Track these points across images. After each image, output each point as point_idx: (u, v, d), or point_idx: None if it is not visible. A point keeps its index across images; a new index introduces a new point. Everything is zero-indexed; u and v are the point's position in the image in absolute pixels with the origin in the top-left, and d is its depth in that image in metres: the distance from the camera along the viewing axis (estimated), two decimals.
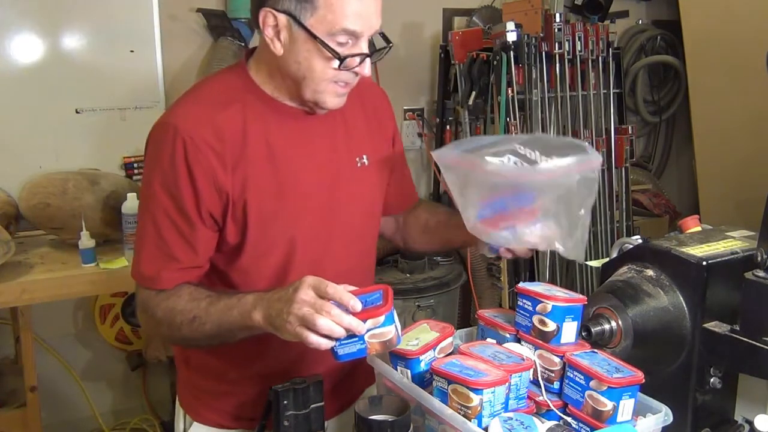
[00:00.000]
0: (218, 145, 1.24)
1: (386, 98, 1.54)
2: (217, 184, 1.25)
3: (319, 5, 1.18)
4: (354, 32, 1.20)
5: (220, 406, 1.44)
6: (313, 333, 1.07)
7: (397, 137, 1.54)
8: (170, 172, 1.24)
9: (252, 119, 1.28)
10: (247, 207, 1.27)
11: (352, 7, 1.19)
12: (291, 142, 1.31)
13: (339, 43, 1.20)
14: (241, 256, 1.32)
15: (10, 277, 2.21)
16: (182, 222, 1.26)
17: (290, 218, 1.31)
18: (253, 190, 1.27)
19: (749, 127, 3.34)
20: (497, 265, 3.09)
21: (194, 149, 1.23)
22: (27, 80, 2.66)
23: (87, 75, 2.74)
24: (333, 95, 1.27)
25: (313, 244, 1.34)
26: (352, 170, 1.39)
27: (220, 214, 1.28)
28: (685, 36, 3.61)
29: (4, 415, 2.40)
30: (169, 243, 1.27)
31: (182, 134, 1.23)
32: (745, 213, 3.16)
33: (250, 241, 1.30)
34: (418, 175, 3.57)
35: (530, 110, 2.94)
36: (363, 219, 1.43)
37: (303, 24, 1.19)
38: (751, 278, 1.08)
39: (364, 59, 1.24)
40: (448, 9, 3.46)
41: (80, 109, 2.74)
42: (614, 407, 1.09)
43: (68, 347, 2.92)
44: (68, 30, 2.71)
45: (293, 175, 1.31)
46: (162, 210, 1.26)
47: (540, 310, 1.21)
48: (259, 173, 1.28)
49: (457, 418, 1.06)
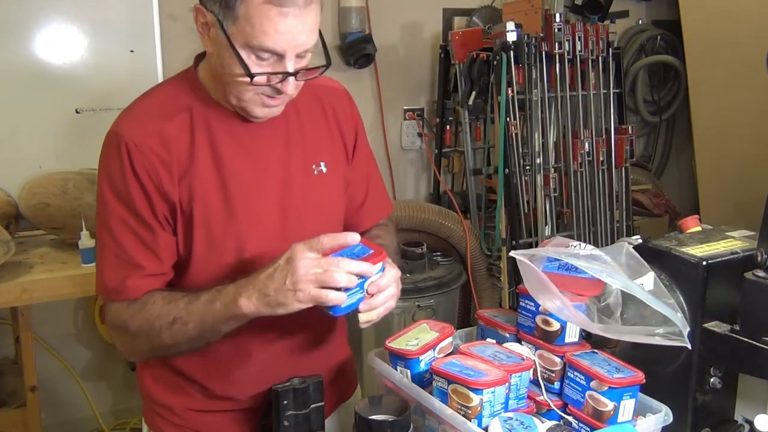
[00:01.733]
0: (165, 154, 1.22)
1: (347, 99, 1.44)
2: (163, 191, 1.22)
3: (239, 16, 1.12)
4: (272, 50, 1.13)
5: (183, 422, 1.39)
6: (331, 290, 1.09)
7: (361, 139, 1.45)
8: (120, 180, 1.22)
9: (199, 129, 1.25)
10: (194, 219, 1.24)
11: (270, 24, 1.11)
12: (239, 152, 1.27)
13: (259, 57, 1.14)
14: (191, 268, 1.28)
15: (10, 277, 2.21)
16: (140, 228, 1.23)
17: (239, 229, 1.27)
18: (199, 201, 1.24)
19: (749, 127, 3.34)
20: (497, 265, 3.09)
21: (139, 155, 1.21)
22: (27, 80, 2.66)
23: (87, 75, 2.74)
24: (259, 105, 1.21)
25: (266, 254, 1.27)
26: (307, 178, 1.33)
27: (171, 218, 1.25)
28: (685, 36, 3.62)
29: (4, 415, 2.40)
30: (130, 251, 1.23)
31: (127, 141, 1.21)
32: (745, 213, 3.16)
33: (197, 252, 1.26)
34: (418, 175, 3.57)
35: (530, 110, 2.94)
36: (322, 228, 1.33)
37: (225, 30, 1.14)
38: (751, 278, 1.08)
39: (286, 78, 1.16)
40: (448, 9, 3.46)
41: (80, 109, 2.74)
42: (615, 407, 1.09)
43: (68, 347, 2.92)
44: (68, 30, 2.71)
45: (241, 185, 1.26)
46: (117, 219, 1.23)
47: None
48: (206, 185, 1.24)
49: (457, 418, 1.06)
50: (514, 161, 2.89)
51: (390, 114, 3.41)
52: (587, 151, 3.03)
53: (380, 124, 3.39)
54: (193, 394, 1.36)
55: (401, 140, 3.47)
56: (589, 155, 3.04)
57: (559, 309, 1.14)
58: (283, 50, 1.14)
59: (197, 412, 1.37)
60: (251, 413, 1.36)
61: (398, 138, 3.47)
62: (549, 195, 2.98)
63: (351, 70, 3.20)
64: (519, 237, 2.93)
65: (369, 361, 1.26)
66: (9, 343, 2.72)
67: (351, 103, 1.45)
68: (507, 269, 2.98)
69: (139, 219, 1.22)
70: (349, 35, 3.10)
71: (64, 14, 2.69)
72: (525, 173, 2.93)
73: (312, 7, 1.14)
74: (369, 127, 3.36)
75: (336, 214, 1.41)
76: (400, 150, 3.49)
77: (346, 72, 3.22)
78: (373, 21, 3.17)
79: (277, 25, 1.11)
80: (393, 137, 3.45)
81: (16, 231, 2.49)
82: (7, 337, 2.73)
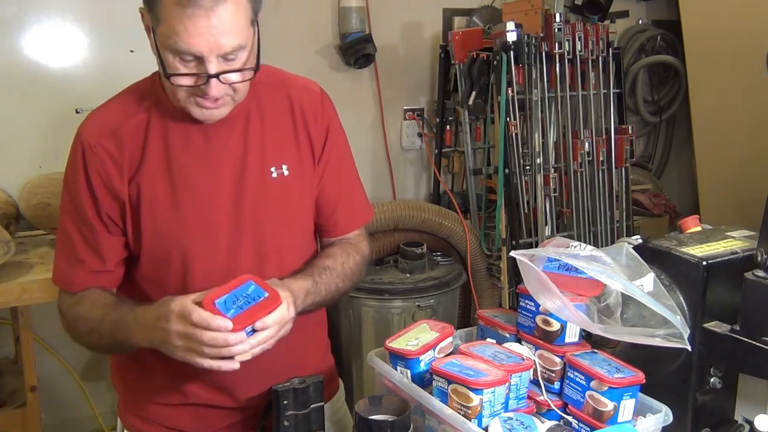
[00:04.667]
0: (117, 153, 1.26)
1: (319, 100, 1.39)
2: (113, 190, 1.27)
3: (161, 18, 1.12)
4: (188, 52, 1.13)
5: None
6: (206, 359, 1.11)
7: (332, 142, 1.39)
8: (71, 178, 1.29)
9: (154, 130, 1.27)
10: (141, 217, 1.27)
11: (181, 26, 1.10)
12: (191, 153, 1.28)
13: (182, 59, 1.14)
14: (141, 265, 1.32)
15: (10, 277, 2.21)
16: (84, 227, 1.29)
17: (184, 229, 1.28)
18: (147, 201, 1.27)
19: (749, 127, 3.34)
20: (497, 265, 3.09)
21: (91, 154, 1.26)
22: (27, 80, 2.66)
23: (87, 75, 2.74)
24: (194, 106, 1.21)
25: (214, 257, 1.29)
26: (263, 181, 1.31)
27: (119, 217, 1.29)
28: (685, 36, 3.62)
29: (4, 415, 2.40)
30: (75, 246, 1.30)
31: (83, 141, 1.27)
32: (745, 213, 3.16)
33: (146, 251, 1.30)
34: (418, 175, 3.57)
35: (530, 110, 2.94)
36: (279, 232, 1.34)
37: (154, 31, 1.15)
38: (751, 278, 1.08)
39: (208, 80, 1.15)
40: (448, 9, 3.45)
41: (80, 109, 2.73)
42: (615, 407, 1.09)
43: (68, 347, 2.91)
44: (68, 30, 2.70)
45: (190, 186, 1.27)
46: (68, 214, 1.31)
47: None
48: (155, 185, 1.27)
49: (457, 418, 1.06)
50: (514, 161, 2.89)
51: (390, 114, 3.41)
52: (587, 151, 3.03)
53: (380, 124, 3.39)
54: (170, 392, 1.37)
55: (401, 140, 3.47)
56: (589, 155, 3.04)
57: (559, 309, 1.14)
58: (200, 52, 1.13)
59: (171, 407, 1.38)
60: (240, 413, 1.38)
61: (398, 138, 3.47)
62: (549, 195, 2.98)
63: (351, 70, 3.20)
64: (519, 237, 2.93)
65: (369, 361, 1.26)
66: (9, 343, 2.72)
67: (324, 102, 1.40)
68: (507, 269, 2.98)
69: (83, 218, 1.29)
70: (349, 35, 3.10)
71: (64, 14, 2.69)
72: (525, 173, 2.93)
73: (225, 6, 1.11)
74: (369, 127, 3.37)
75: (297, 220, 1.38)
76: (400, 150, 3.49)
77: (346, 72, 3.22)
78: (373, 21, 3.17)
79: (186, 26, 1.10)
80: (393, 137, 3.45)
81: (16, 231, 2.49)
82: (7, 337, 2.73)
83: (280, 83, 1.36)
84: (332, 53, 3.20)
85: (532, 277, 1.16)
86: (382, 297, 2.78)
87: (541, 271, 1.14)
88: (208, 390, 1.35)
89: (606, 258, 1.16)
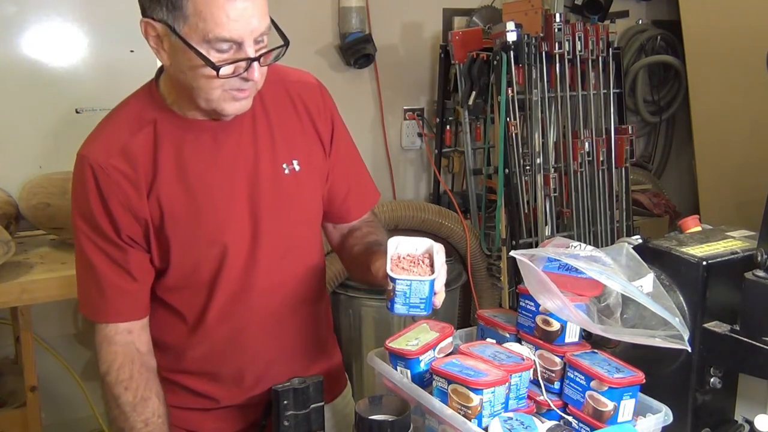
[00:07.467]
0: (130, 172, 1.23)
1: (318, 90, 1.40)
2: (133, 211, 1.24)
3: (189, 13, 1.11)
4: (229, 39, 1.12)
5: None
6: None
7: (338, 130, 1.41)
8: (84, 203, 1.24)
9: (163, 141, 1.25)
10: (166, 229, 1.25)
11: (221, 13, 1.10)
12: (204, 159, 1.27)
13: (219, 50, 1.13)
14: (168, 277, 1.30)
15: (10, 277, 2.20)
16: (110, 248, 1.25)
17: (210, 236, 1.28)
18: (169, 213, 1.25)
19: (749, 127, 3.34)
20: (497, 265, 3.09)
21: (105, 177, 1.22)
22: (27, 80, 2.66)
23: (87, 75, 2.74)
24: (229, 101, 1.20)
25: (239, 258, 1.30)
26: (276, 178, 1.31)
27: (141, 237, 1.27)
28: (685, 36, 3.62)
29: (4, 415, 2.40)
30: (104, 271, 1.26)
31: (92, 163, 1.22)
32: (745, 213, 3.16)
33: (175, 262, 1.28)
34: (418, 175, 3.57)
35: (530, 110, 2.94)
36: (294, 228, 1.35)
37: (178, 33, 1.13)
38: (751, 278, 1.09)
39: (251, 64, 1.15)
40: (448, 9, 3.46)
41: (80, 109, 2.74)
42: (615, 407, 1.09)
43: (68, 347, 2.91)
44: (68, 30, 2.70)
45: (207, 192, 1.27)
46: (88, 240, 1.26)
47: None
48: (173, 195, 1.25)
49: (457, 418, 1.06)
50: (514, 161, 2.89)
51: (390, 114, 3.41)
52: (587, 151, 3.03)
53: (380, 124, 3.39)
54: (178, 392, 1.37)
55: (401, 140, 3.47)
56: (589, 155, 3.04)
57: (559, 309, 1.14)
58: (240, 37, 1.13)
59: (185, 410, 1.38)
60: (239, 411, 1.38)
61: (398, 138, 3.47)
62: (549, 195, 2.98)
63: (351, 70, 3.20)
64: (519, 237, 2.93)
65: (369, 361, 1.26)
66: (9, 343, 2.72)
67: (323, 94, 1.40)
68: (507, 269, 2.98)
69: (105, 238, 1.25)
70: (349, 35, 3.10)
71: (64, 14, 2.69)
72: (525, 173, 2.93)
73: None
74: (369, 127, 3.37)
75: (311, 213, 1.40)
76: (400, 150, 3.49)
77: (346, 72, 3.22)
78: (373, 21, 3.17)
79: (228, 11, 1.10)
80: (393, 137, 3.45)
81: (16, 231, 2.49)
82: (7, 337, 2.72)
83: (277, 79, 1.35)
84: (332, 53, 3.20)
85: (532, 277, 1.16)
86: (383, 297, 2.77)
87: (541, 271, 1.14)
88: (222, 388, 1.36)
89: (606, 258, 1.16)
